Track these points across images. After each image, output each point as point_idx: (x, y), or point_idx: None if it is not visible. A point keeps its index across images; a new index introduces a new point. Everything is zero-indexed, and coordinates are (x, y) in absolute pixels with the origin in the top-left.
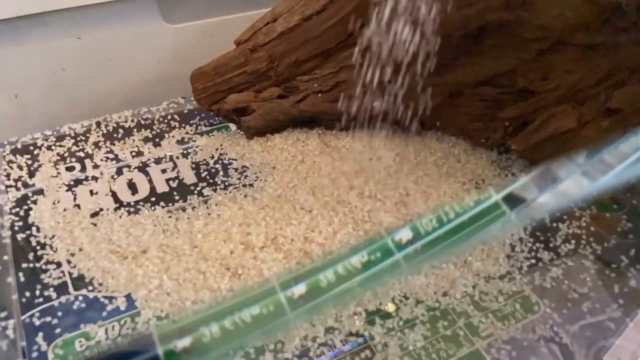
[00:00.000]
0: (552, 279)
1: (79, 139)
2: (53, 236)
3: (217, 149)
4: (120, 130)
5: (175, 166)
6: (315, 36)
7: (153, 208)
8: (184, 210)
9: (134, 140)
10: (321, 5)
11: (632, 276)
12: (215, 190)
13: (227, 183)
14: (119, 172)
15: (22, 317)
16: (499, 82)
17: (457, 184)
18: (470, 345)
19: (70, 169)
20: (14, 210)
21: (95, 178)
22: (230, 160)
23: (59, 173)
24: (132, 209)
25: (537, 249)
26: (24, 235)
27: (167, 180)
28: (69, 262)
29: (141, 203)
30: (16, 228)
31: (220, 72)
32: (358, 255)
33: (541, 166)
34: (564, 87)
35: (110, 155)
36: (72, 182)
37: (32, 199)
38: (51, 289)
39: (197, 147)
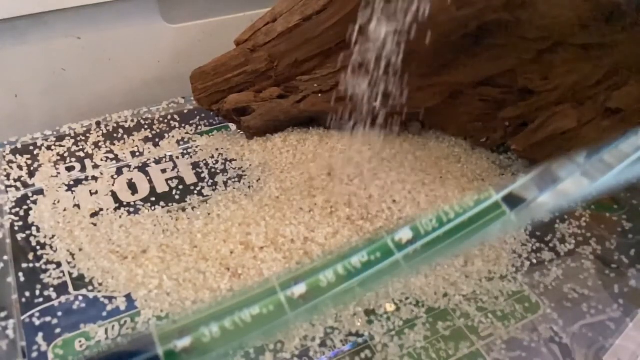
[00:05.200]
0: (552, 279)
1: (79, 139)
2: (53, 236)
3: (217, 149)
4: (120, 130)
5: (175, 166)
6: (315, 36)
7: (153, 208)
8: (184, 210)
9: (134, 140)
10: (321, 6)
11: (632, 276)
12: (215, 190)
13: (227, 183)
14: (119, 172)
15: (22, 317)
16: (499, 82)
17: (457, 184)
18: (470, 345)
19: (70, 169)
20: (14, 210)
21: (95, 178)
22: (230, 160)
23: (59, 173)
24: (132, 209)
25: (537, 249)
26: (24, 235)
27: (167, 180)
28: (69, 262)
29: (141, 203)
30: (16, 228)
31: (220, 72)
32: (358, 255)
33: (541, 166)
34: (564, 87)
35: (110, 155)
36: (72, 182)
37: (32, 199)
38: (51, 289)
39: (197, 147)
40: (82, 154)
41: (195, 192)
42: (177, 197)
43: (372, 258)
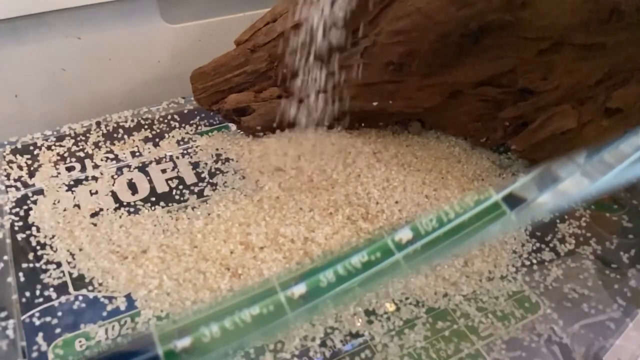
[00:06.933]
0: (552, 279)
1: (79, 139)
2: (53, 236)
3: (217, 149)
4: (120, 130)
5: (175, 166)
6: None
7: (153, 208)
8: (184, 210)
9: (134, 140)
10: None
11: (632, 276)
12: (215, 190)
13: (227, 183)
14: (119, 172)
15: (22, 317)
16: (499, 82)
17: (457, 184)
18: (470, 345)
19: (70, 169)
20: (14, 210)
21: (95, 178)
22: (230, 160)
23: (59, 173)
24: (132, 209)
25: (537, 249)
26: (24, 235)
27: (167, 180)
28: (69, 262)
29: (141, 203)
30: (16, 228)
31: (220, 72)
32: (358, 255)
33: (541, 166)
34: (564, 87)
35: (110, 155)
36: (72, 182)
37: (32, 199)
38: (51, 289)
39: (197, 147)
40: (82, 154)
41: (195, 192)
42: (177, 197)
43: (372, 258)
